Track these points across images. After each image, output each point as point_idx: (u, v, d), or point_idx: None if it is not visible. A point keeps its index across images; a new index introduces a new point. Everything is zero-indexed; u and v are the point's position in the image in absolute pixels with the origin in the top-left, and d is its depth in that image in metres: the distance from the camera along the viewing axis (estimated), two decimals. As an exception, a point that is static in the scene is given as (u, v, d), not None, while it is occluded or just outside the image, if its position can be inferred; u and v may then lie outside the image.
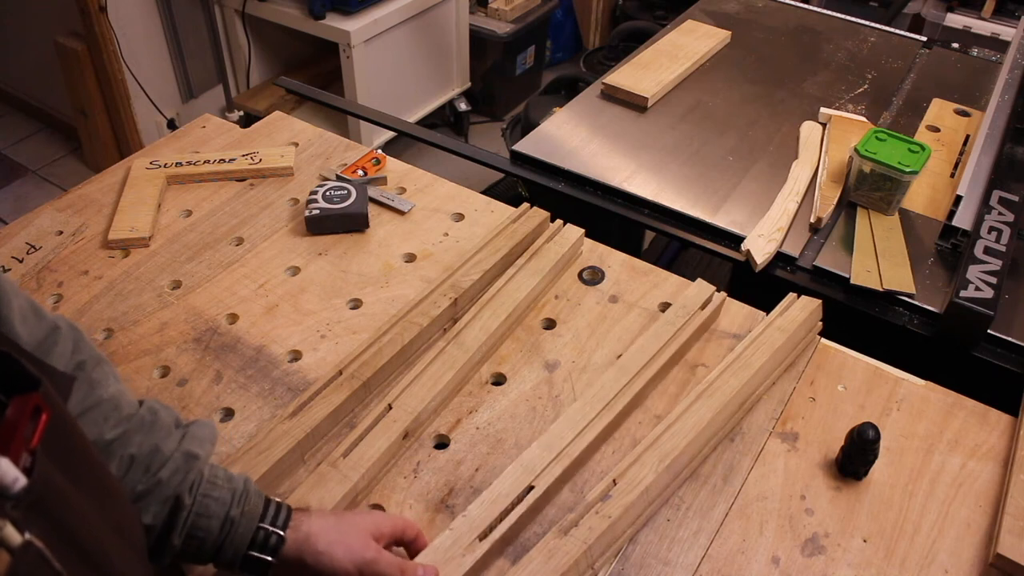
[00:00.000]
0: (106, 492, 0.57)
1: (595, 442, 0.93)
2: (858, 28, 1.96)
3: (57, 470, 0.48)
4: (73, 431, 0.55)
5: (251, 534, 0.73)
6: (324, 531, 0.75)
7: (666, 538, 0.87)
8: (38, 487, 0.44)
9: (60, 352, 0.69)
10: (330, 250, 1.22)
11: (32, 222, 1.26)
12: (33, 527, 0.43)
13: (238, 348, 1.07)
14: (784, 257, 1.29)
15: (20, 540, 0.41)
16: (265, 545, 0.73)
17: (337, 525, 0.76)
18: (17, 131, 3.18)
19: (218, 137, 1.46)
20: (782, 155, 1.51)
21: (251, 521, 0.73)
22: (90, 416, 0.69)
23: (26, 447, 0.45)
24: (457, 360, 1.00)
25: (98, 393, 0.70)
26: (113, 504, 0.58)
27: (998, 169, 1.38)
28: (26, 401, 0.47)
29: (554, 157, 1.49)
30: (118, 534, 0.56)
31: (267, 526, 0.73)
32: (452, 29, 3.01)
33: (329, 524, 0.76)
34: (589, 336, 1.09)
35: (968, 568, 0.85)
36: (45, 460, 0.47)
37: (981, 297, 1.13)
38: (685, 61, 1.73)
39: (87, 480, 0.53)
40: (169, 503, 0.70)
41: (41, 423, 0.47)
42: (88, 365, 0.71)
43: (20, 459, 0.44)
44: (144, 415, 0.73)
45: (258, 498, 0.75)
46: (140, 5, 2.63)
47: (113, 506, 0.57)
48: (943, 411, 1.01)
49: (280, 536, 0.73)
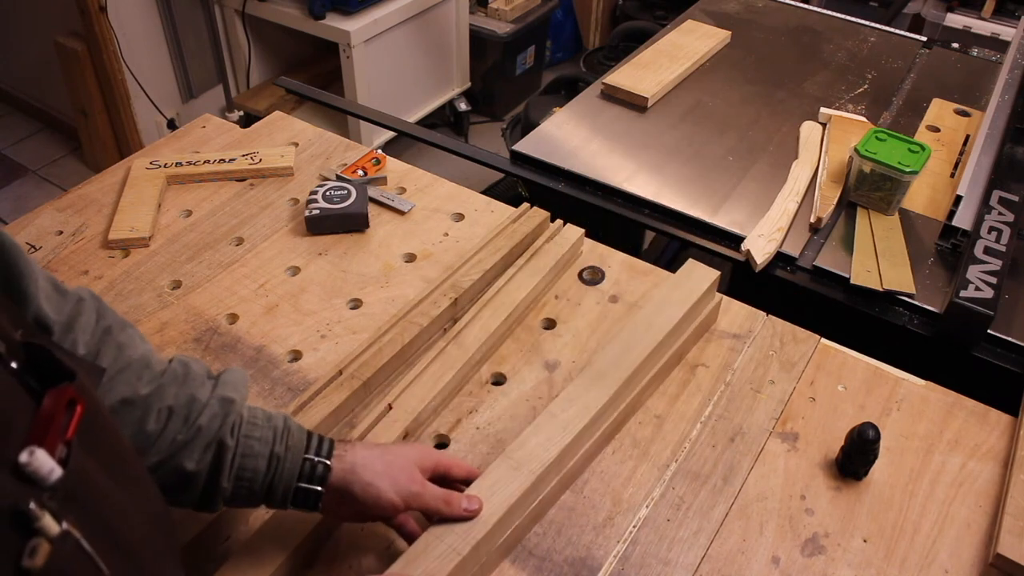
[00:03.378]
0: (137, 483, 0.58)
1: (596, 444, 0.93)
2: (858, 28, 1.96)
3: (91, 461, 0.49)
4: (107, 423, 0.56)
5: (298, 467, 0.73)
6: (370, 462, 0.75)
7: (666, 538, 0.87)
8: (73, 477, 0.45)
9: (86, 322, 0.70)
10: (330, 250, 1.22)
11: (32, 222, 1.26)
12: (69, 516, 0.43)
13: (238, 348, 1.07)
14: (784, 257, 1.29)
15: (58, 530, 0.42)
16: (312, 476, 0.74)
17: (382, 456, 0.77)
18: (17, 131, 3.18)
19: (218, 137, 1.46)
20: (782, 155, 1.51)
21: (297, 454, 0.73)
22: (123, 377, 0.69)
23: (61, 438, 0.46)
24: (457, 360, 1.00)
25: (127, 354, 0.71)
26: (145, 495, 0.58)
27: (998, 169, 1.38)
28: (61, 393, 0.47)
29: (554, 157, 1.49)
30: (150, 524, 0.56)
31: (312, 457, 0.74)
32: (452, 29, 3.01)
33: (375, 455, 0.76)
34: (589, 336, 1.09)
35: (968, 568, 0.85)
36: (80, 451, 0.47)
37: (981, 297, 1.13)
38: (685, 61, 1.73)
39: (120, 471, 0.54)
40: (212, 448, 0.71)
41: (76, 415, 0.47)
42: (115, 330, 0.72)
43: (56, 450, 0.45)
44: (176, 368, 0.73)
45: (300, 432, 0.75)
46: (140, 5, 2.63)
47: (145, 497, 0.58)
48: (943, 411, 1.01)
49: (327, 465, 0.74)
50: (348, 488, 0.74)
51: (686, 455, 0.95)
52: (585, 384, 0.92)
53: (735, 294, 1.15)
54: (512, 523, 0.83)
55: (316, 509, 0.75)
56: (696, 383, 1.03)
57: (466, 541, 0.77)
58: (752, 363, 1.06)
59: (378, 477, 0.75)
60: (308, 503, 0.74)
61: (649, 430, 0.98)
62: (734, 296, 1.15)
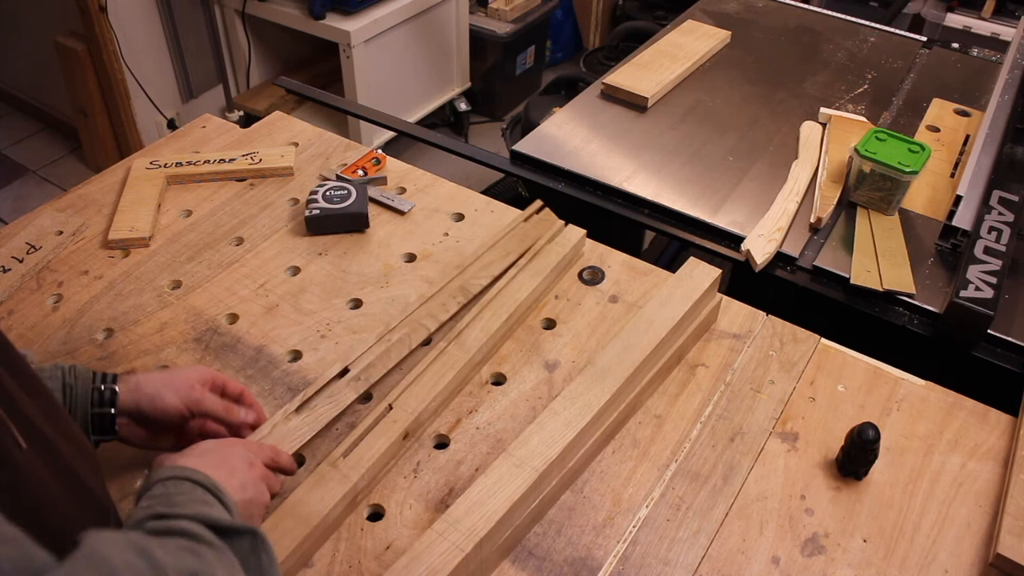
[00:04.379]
0: (54, 406, 0.65)
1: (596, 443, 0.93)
2: (858, 28, 1.96)
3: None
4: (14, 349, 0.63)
5: (88, 396, 0.82)
6: (151, 379, 0.85)
7: (666, 538, 0.87)
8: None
9: None
10: (330, 250, 1.22)
11: (32, 222, 1.25)
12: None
13: (238, 348, 1.07)
14: (784, 257, 1.29)
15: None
16: (103, 401, 0.83)
17: (162, 374, 0.87)
18: (17, 131, 3.18)
19: (218, 137, 1.46)
20: (782, 155, 1.51)
21: (86, 383, 0.83)
22: None
23: None
24: (457, 360, 1.00)
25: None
26: (61, 418, 0.65)
27: (998, 169, 1.38)
28: None
29: (554, 157, 1.49)
30: (73, 444, 0.62)
31: (99, 385, 0.83)
32: (452, 29, 3.01)
33: (155, 374, 0.87)
34: (589, 336, 1.09)
35: (968, 568, 0.85)
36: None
37: (981, 297, 1.13)
38: (685, 61, 1.73)
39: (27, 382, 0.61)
40: None
41: None
42: None
43: None
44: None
45: (86, 369, 0.85)
46: (140, 5, 2.63)
47: (62, 419, 0.65)
48: (943, 411, 1.01)
49: (113, 390, 0.83)
50: (136, 405, 0.83)
51: (686, 455, 0.95)
52: (587, 383, 0.92)
53: (735, 294, 1.15)
54: (514, 521, 0.83)
55: (115, 434, 0.84)
56: (696, 383, 1.04)
57: (469, 538, 0.78)
58: (752, 363, 1.06)
59: (161, 388, 0.84)
60: (105, 428, 0.83)
61: (649, 430, 0.98)
62: (734, 296, 1.15)
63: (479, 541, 0.78)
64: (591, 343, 1.08)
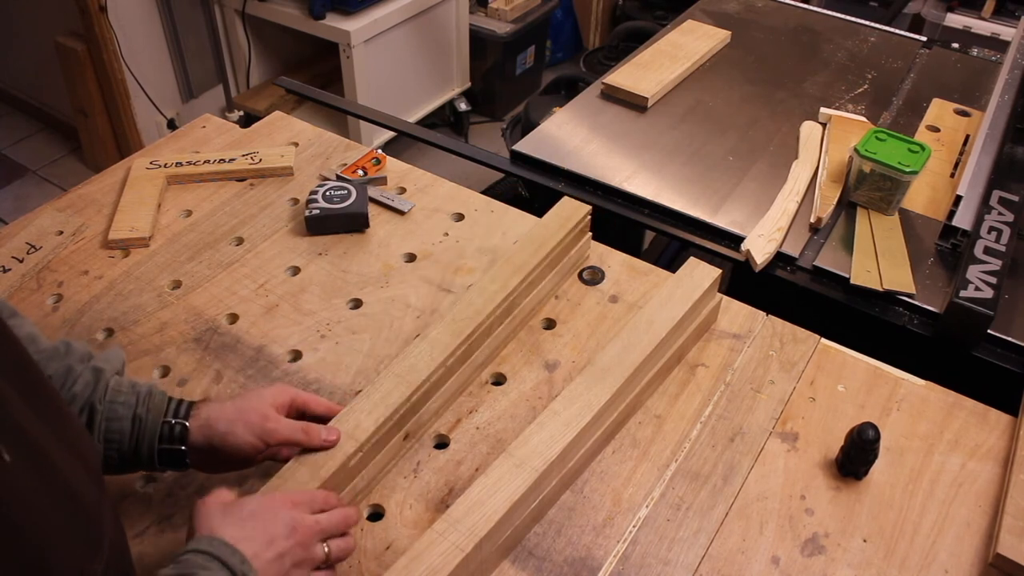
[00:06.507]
0: (58, 411, 0.62)
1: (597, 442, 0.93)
2: (858, 28, 1.96)
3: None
4: (22, 352, 0.61)
5: (158, 430, 0.80)
6: (222, 413, 0.82)
7: (666, 538, 0.87)
8: None
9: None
10: (330, 250, 1.22)
11: (32, 222, 1.26)
12: None
13: (238, 348, 1.07)
14: (784, 257, 1.29)
15: None
16: (172, 436, 0.80)
17: (233, 405, 0.83)
18: (17, 131, 3.18)
19: (218, 137, 1.46)
20: (782, 155, 1.51)
21: (157, 416, 0.80)
22: None
23: None
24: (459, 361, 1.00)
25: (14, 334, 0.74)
26: (65, 424, 0.62)
27: (998, 169, 1.38)
28: None
29: (554, 157, 1.49)
30: (71, 452, 0.59)
31: (170, 420, 0.81)
32: (452, 29, 3.01)
33: (226, 407, 0.82)
34: (589, 336, 1.09)
35: (968, 568, 0.85)
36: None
37: (981, 297, 1.13)
38: (685, 61, 1.73)
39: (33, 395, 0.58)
40: (85, 412, 0.78)
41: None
42: (3, 314, 0.76)
43: None
44: (59, 347, 0.81)
45: (162, 397, 0.82)
46: (140, 5, 2.63)
47: (65, 426, 0.61)
48: (943, 411, 1.01)
49: (184, 425, 0.81)
50: (209, 442, 0.81)
51: (686, 455, 0.95)
52: (587, 383, 0.92)
53: (735, 294, 1.15)
54: (514, 521, 0.83)
55: (187, 467, 0.82)
56: (696, 383, 1.04)
57: (469, 538, 0.78)
58: (752, 363, 1.06)
59: (232, 425, 0.80)
60: (176, 462, 0.81)
61: (649, 430, 0.98)
62: (734, 296, 1.15)
63: (479, 541, 0.78)
64: (591, 343, 1.08)
